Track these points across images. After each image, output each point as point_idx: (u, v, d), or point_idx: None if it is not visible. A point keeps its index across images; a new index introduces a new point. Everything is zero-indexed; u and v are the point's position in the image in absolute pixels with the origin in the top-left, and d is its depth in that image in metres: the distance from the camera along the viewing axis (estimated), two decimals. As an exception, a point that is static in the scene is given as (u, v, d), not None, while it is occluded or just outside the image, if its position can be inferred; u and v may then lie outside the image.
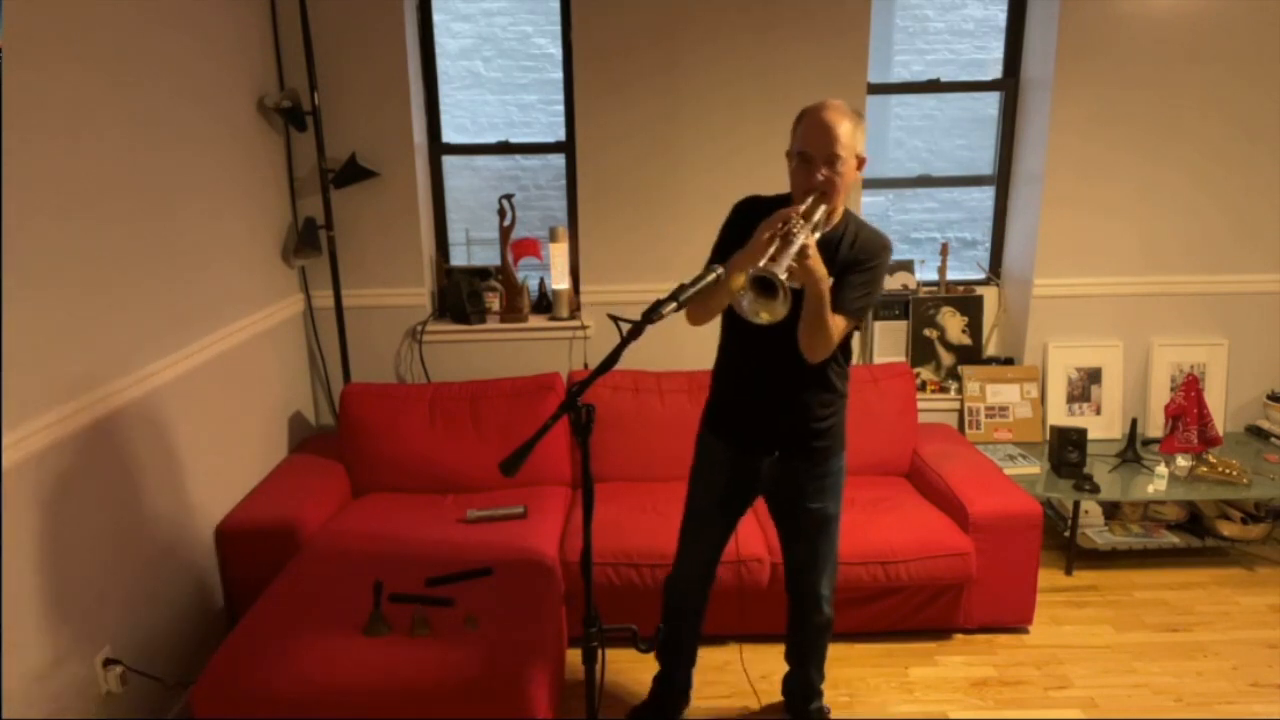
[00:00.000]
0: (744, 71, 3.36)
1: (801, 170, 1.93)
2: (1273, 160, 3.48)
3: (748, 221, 1.94)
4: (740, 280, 1.70)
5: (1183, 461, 3.27)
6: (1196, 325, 3.64)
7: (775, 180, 3.45)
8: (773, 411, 2.09)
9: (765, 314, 1.71)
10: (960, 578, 2.77)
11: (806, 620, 2.31)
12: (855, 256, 1.97)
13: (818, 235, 1.92)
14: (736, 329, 2.10)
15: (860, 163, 1.97)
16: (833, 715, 2.51)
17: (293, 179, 3.35)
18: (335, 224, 3.36)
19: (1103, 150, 3.45)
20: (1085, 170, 3.46)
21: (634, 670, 2.69)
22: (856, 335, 3.64)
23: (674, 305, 1.65)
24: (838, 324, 1.92)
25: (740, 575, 2.67)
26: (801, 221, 1.81)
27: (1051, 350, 3.62)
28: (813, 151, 1.90)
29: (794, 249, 1.75)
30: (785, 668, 2.48)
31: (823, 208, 1.90)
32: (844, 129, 1.89)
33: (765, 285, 1.70)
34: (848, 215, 2.05)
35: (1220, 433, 3.37)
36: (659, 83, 3.36)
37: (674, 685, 2.46)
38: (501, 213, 3.47)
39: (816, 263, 1.81)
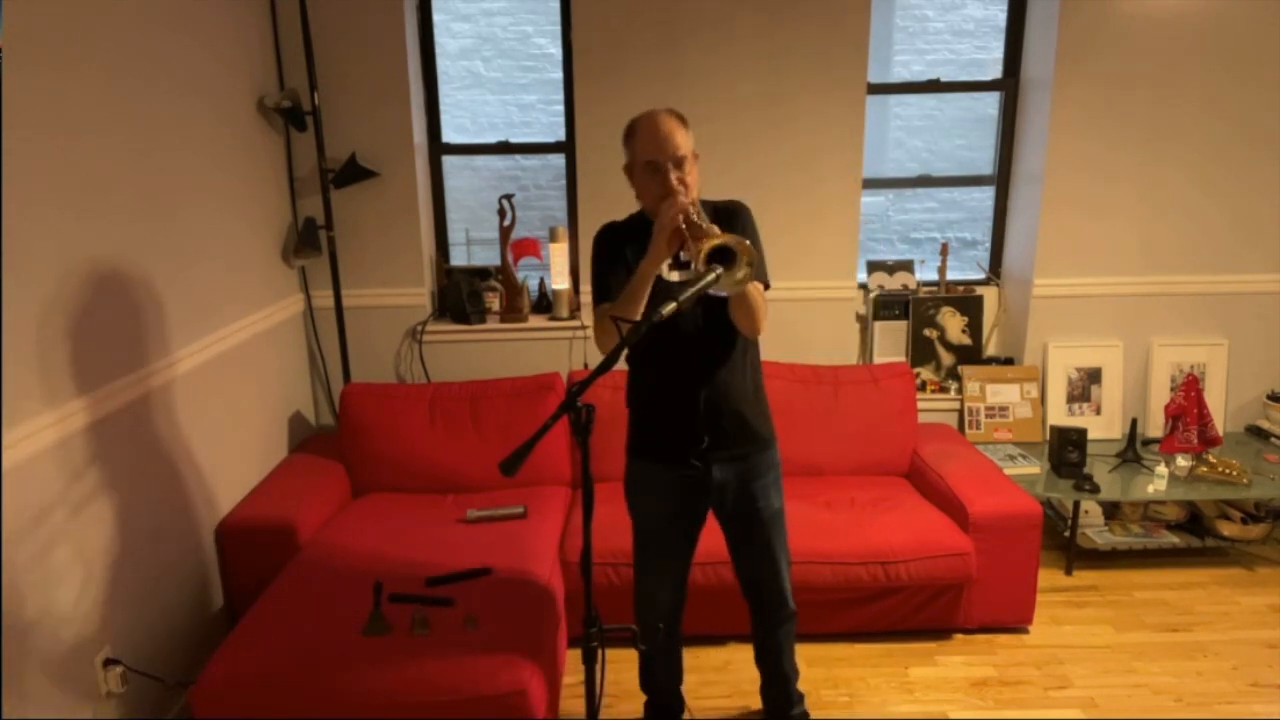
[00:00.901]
0: (744, 72, 3.36)
1: (653, 179, 1.96)
2: (1273, 160, 3.48)
3: (618, 240, 2.03)
4: (707, 246, 1.72)
5: (1183, 461, 3.27)
6: (1196, 325, 3.64)
7: (776, 181, 3.47)
8: (708, 414, 2.07)
9: (740, 274, 1.72)
10: (960, 578, 2.77)
11: (774, 617, 2.28)
12: (728, 226, 1.98)
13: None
14: (645, 349, 2.09)
15: (696, 159, 2.02)
16: (833, 715, 2.51)
17: (293, 179, 3.35)
18: (335, 224, 3.36)
19: (1103, 150, 3.45)
20: (1085, 170, 3.46)
21: (634, 670, 2.69)
22: (851, 333, 3.65)
23: (674, 305, 1.65)
24: (759, 292, 1.95)
25: (728, 575, 2.66)
26: (695, 209, 1.85)
27: (1051, 350, 3.62)
28: (659, 158, 1.95)
29: (708, 224, 1.79)
30: None
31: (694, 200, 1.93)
32: (680, 133, 1.96)
33: (724, 254, 1.72)
34: (702, 201, 2.07)
35: (1220, 433, 3.37)
36: (659, 83, 3.36)
37: (667, 705, 2.43)
38: (501, 213, 3.47)
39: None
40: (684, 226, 1.81)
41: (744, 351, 2.09)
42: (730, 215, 2.04)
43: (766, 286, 2.03)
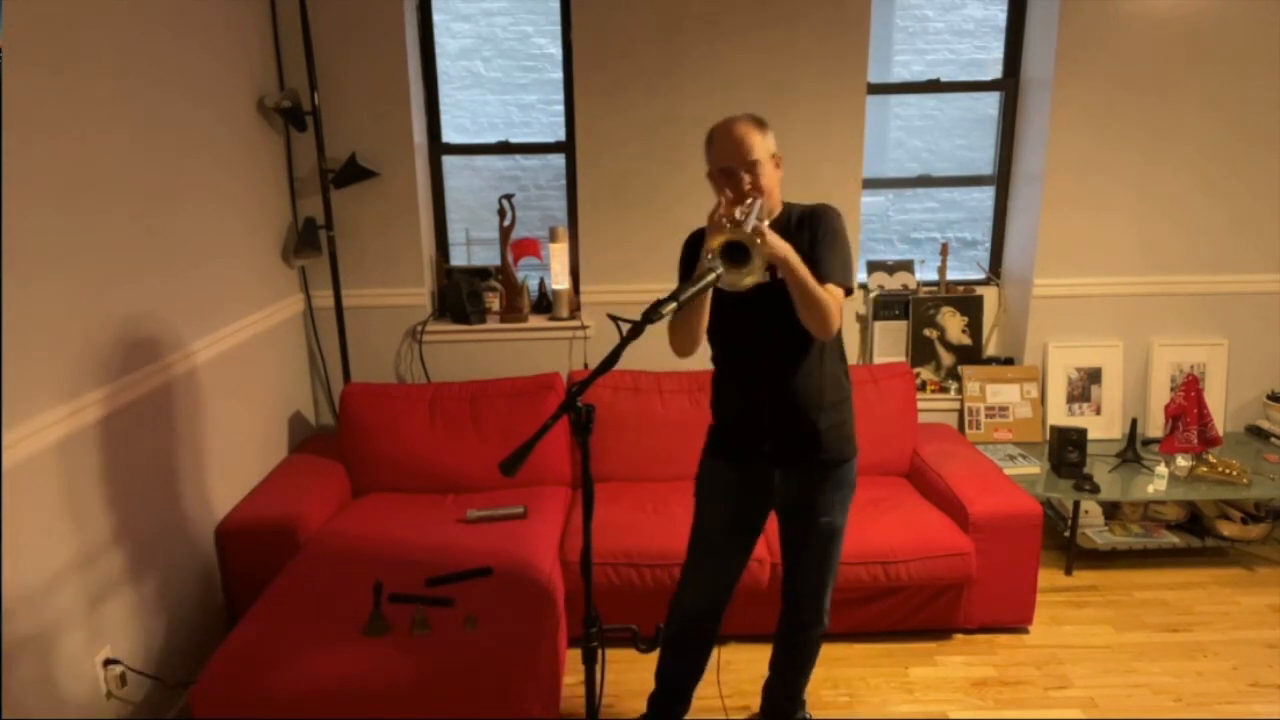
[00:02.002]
0: (744, 72, 3.36)
1: (727, 184, 1.98)
2: (1273, 160, 3.48)
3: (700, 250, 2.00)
4: (716, 241, 1.73)
5: (1183, 461, 3.27)
6: (1196, 325, 3.64)
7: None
8: (777, 417, 2.06)
9: (749, 278, 1.73)
10: (960, 578, 2.77)
11: (805, 630, 2.28)
12: (811, 229, 2.00)
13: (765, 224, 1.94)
14: (729, 345, 2.09)
15: (778, 161, 2.02)
16: (833, 715, 2.51)
17: (293, 179, 3.35)
18: (335, 224, 3.36)
19: (1103, 150, 3.45)
20: (1085, 170, 3.46)
21: (634, 670, 2.69)
22: (851, 333, 3.65)
23: (674, 305, 1.65)
24: (832, 295, 1.92)
25: (747, 572, 2.66)
26: (745, 208, 1.85)
27: (1051, 350, 3.62)
28: (732, 165, 1.96)
29: (748, 226, 1.78)
30: None
31: (760, 202, 1.92)
32: (754, 137, 1.96)
33: (736, 250, 1.73)
34: (786, 204, 2.08)
35: (1220, 433, 3.37)
36: (659, 83, 3.36)
37: (675, 703, 2.41)
38: (501, 213, 3.47)
39: (772, 238, 1.81)
40: (725, 223, 1.80)
41: (820, 358, 2.04)
42: (811, 218, 2.02)
43: (849, 292, 1.98)
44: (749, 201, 1.91)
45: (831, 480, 2.10)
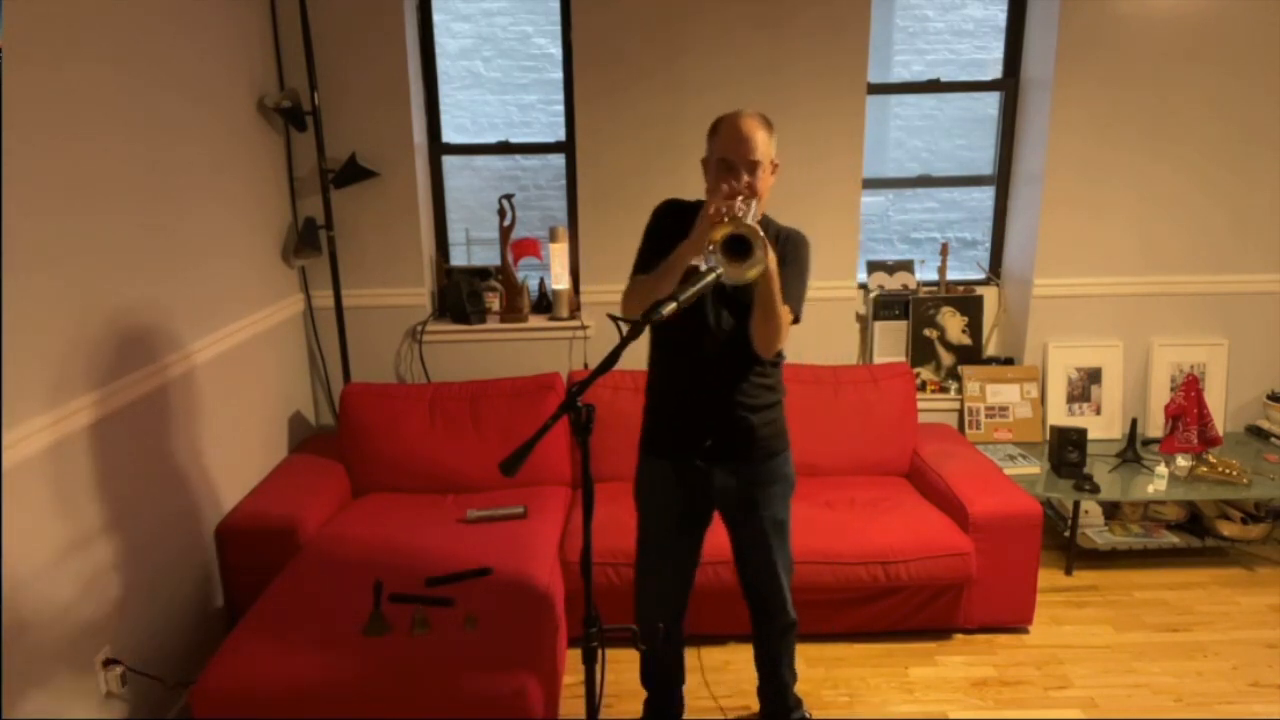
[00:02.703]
0: (744, 72, 3.36)
1: (724, 177, 1.97)
2: (1273, 160, 3.48)
3: (672, 222, 2.01)
4: (718, 236, 1.73)
5: (1183, 461, 3.27)
6: (1196, 325, 3.64)
7: (776, 181, 3.46)
8: (717, 417, 2.08)
9: (751, 272, 1.74)
10: (960, 578, 2.77)
11: (772, 624, 2.29)
12: (783, 249, 2.01)
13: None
14: (669, 344, 2.11)
15: (774, 168, 2.02)
16: (833, 715, 2.51)
17: (293, 179, 3.35)
18: (335, 224, 3.36)
19: (1103, 150, 3.45)
20: (1085, 170, 3.46)
21: (634, 670, 2.68)
22: (851, 333, 3.65)
23: (674, 305, 1.65)
24: (784, 315, 1.95)
25: (731, 576, 2.66)
26: (742, 207, 1.85)
27: (1051, 350, 3.62)
28: (734, 159, 1.96)
29: (745, 223, 1.79)
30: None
31: (753, 205, 1.93)
32: (760, 137, 1.96)
33: (740, 244, 1.74)
34: (765, 217, 2.09)
35: (1220, 433, 3.37)
36: (659, 83, 3.36)
37: (667, 704, 2.43)
38: (501, 213, 3.47)
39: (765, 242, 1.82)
40: (724, 218, 1.81)
41: (760, 363, 2.07)
42: (785, 240, 2.04)
43: (796, 319, 2.01)
44: (742, 200, 1.91)
45: (768, 474, 2.13)
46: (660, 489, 2.18)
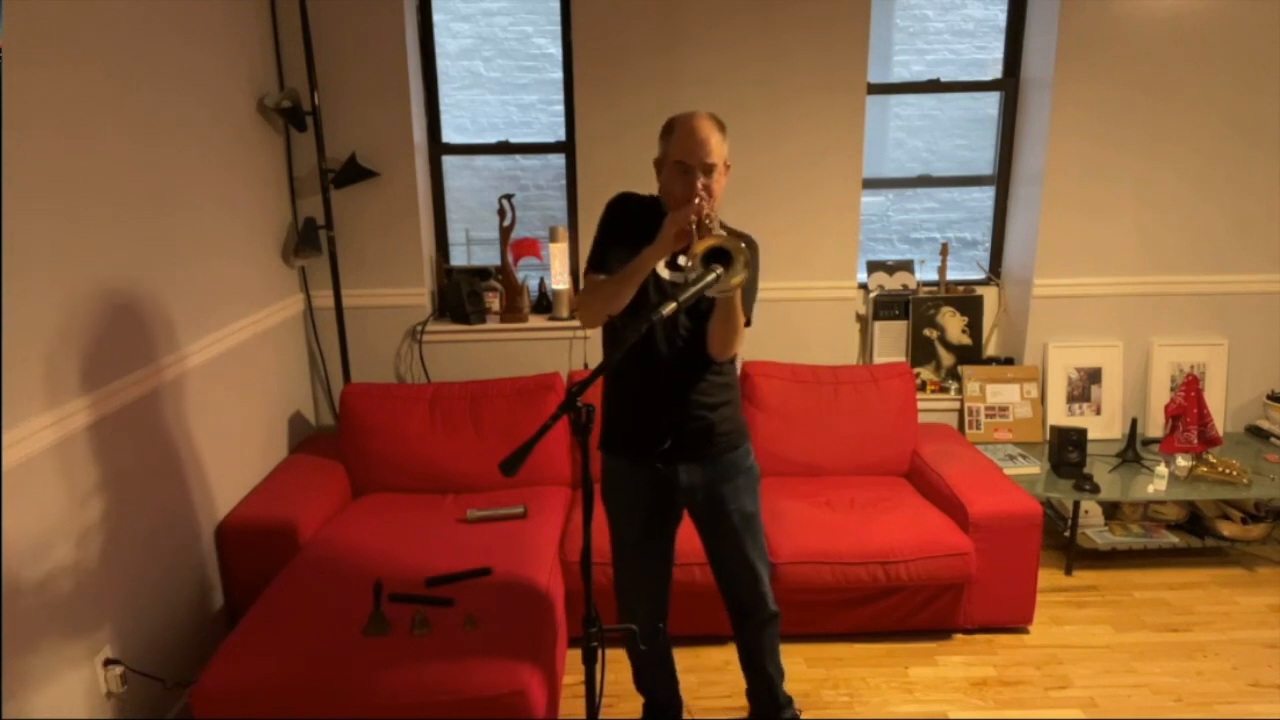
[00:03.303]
0: (745, 72, 3.36)
1: (680, 179, 1.97)
2: (1272, 160, 3.48)
3: (629, 217, 2.03)
4: (703, 246, 1.74)
5: (1183, 461, 3.27)
6: (1196, 325, 3.64)
7: (777, 181, 3.47)
8: (675, 418, 2.07)
9: (734, 280, 1.75)
10: (960, 578, 2.77)
11: (751, 619, 2.27)
12: None
13: None
14: (635, 345, 2.10)
15: (727, 169, 2.02)
16: (833, 715, 2.51)
17: (293, 179, 3.35)
18: (335, 224, 3.36)
19: (1103, 150, 3.45)
20: (1085, 170, 3.46)
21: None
22: (851, 333, 3.65)
23: (673, 306, 1.65)
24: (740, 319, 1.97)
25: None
26: (710, 214, 1.86)
27: (1051, 350, 3.62)
28: (690, 161, 1.95)
29: (717, 232, 1.79)
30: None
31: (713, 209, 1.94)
32: (716, 139, 1.96)
33: (721, 256, 1.75)
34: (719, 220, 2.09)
35: (1220, 433, 3.37)
36: (659, 83, 3.36)
37: (665, 706, 2.42)
38: (501, 213, 3.47)
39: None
40: (693, 228, 1.81)
41: (716, 364, 2.08)
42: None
43: (748, 323, 2.02)
44: (698, 203, 1.91)
45: (731, 467, 2.13)
46: (626, 489, 2.17)
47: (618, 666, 2.69)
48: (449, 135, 3.64)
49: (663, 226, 1.87)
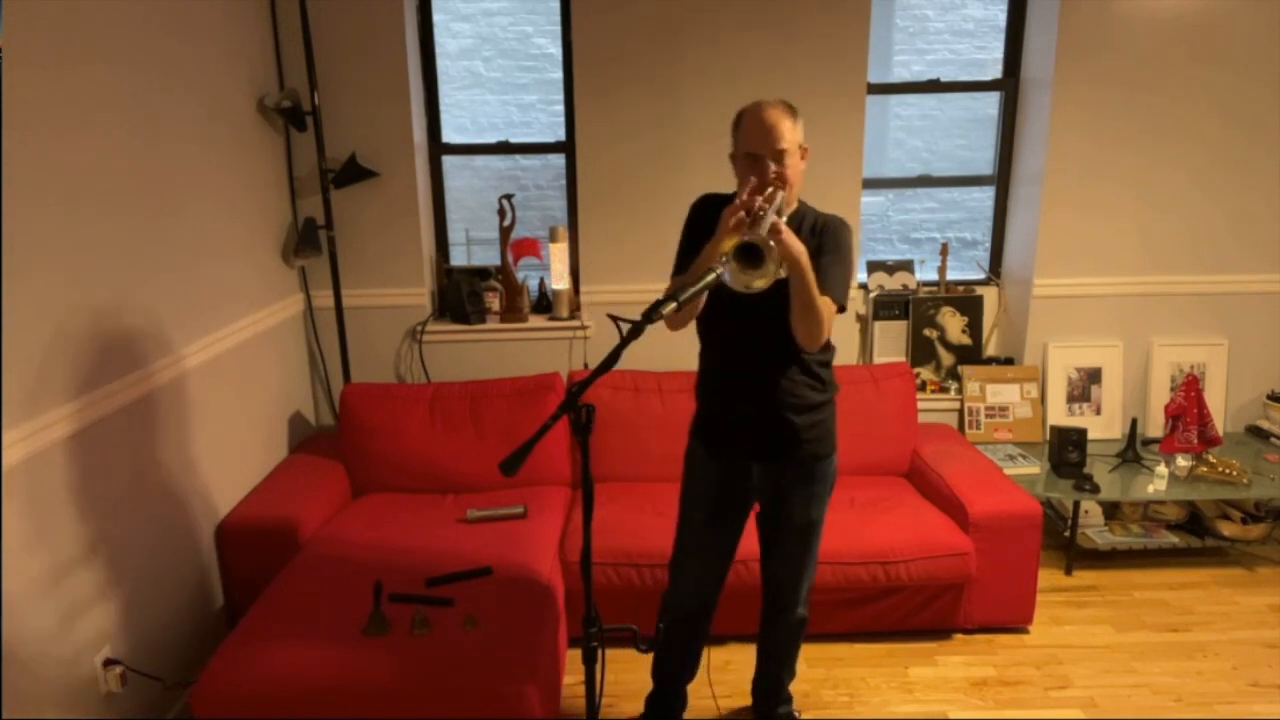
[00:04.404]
0: (744, 72, 3.36)
1: (752, 170, 1.95)
2: (1273, 160, 3.48)
3: (710, 217, 1.98)
4: (728, 245, 1.71)
5: (1183, 461, 3.27)
6: (1196, 325, 3.64)
7: (775, 180, 3.47)
8: (759, 417, 2.05)
9: (759, 281, 1.71)
10: (960, 578, 2.77)
11: (783, 620, 2.28)
12: (820, 239, 1.99)
13: (783, 219, 1.93)
14: (715, 335, 2.09)
15: (804, 153, 2.00)
16: (833, 715, 2.51)
17: (293, 179, 3.35)
18: (335, 224, 3.36)
19: (1103, 150, 3.45)
20: (1085, 170, 3.46)
21: (634, 670, 2.69)
22: (851, 333, 3.65)
23: (674, 305, 1.65)
24: (826, 306, 1.90)
25: (739, 574, 2.66)
26: (765, 204, 1.82)
27: (1051, 350, 3.62)
28: (760, 151, 1.93)
29: (766, 224, 1.76)
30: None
31: (781, 195, 1.91)
32: (786, 125, 1.93)
33: (750, 252, 1.71)
34: (802, 204, 2.08)
35: (1220, 433, 3.37)
36: (659, 83, 3.36)
37: (672, 701, 2.42)
38: (501, 213, 3.47)
39: (790, 236, 1.80)
40: (745, 219, 1.78)
41: (805, 361, 2.03)
42: (824, 228, 2.02)
43: (841, 309, 1.97)
44: (770, 191, 1.88)
45: (810, 476, 2.10)
46: (700, 474, 2.17)
47: (618, 666, 2.69)
48: (449, 135, 3.64)
49: (720, 220, 1.84)
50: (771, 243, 1.70)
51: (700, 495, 2.18)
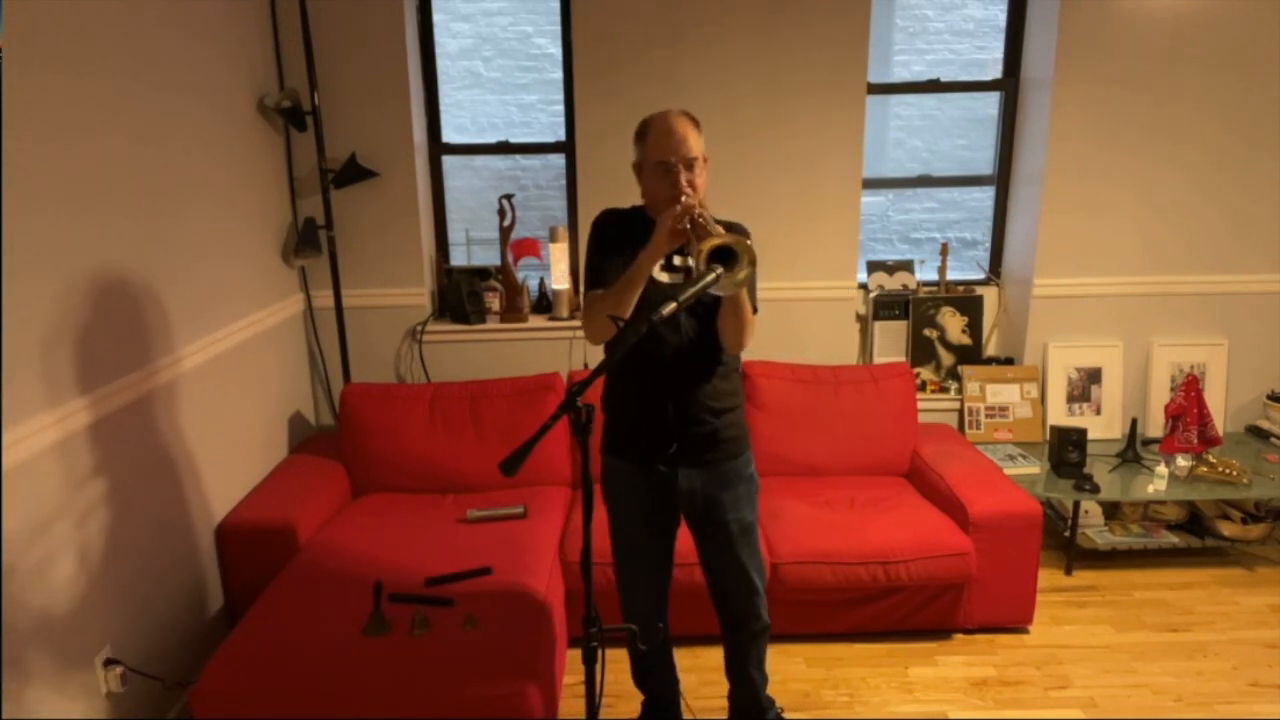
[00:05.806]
0: (744, 71, 3.36)
1: (663, 179, 1.96)
2: (1272, 160, 3.48)
3: (616, 229, 2.03)
4: (709, 245, 1.73)
5: (1183, 461, 3.27)
6: (1196, 325, 3.64)
7: (776, 181, 3.47)
8: (680, 422, 2.05)
9: (740, 275, 1.74)
10: (960, 577, 2.77)
11: (742, 630, 2.26)
12: None
13: None
14: (641, 347, 2.04)
15: (705, 162, 2.01)
16: (833, 715, 2.50)
17: (293, 179, 3.35)
18: (335, 224, 3.36)
19: (1103, 150, 3.45)
20: (1085, 170, 3.46)
21: (634, 670, 2.69)
22: (851, 333, 3.65)
23: (673, 305, 1.65)
24: (748, 310, 1.96)
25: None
26: (702, 210, 1.85)
27: (1051, 350, 3.62)
28: (671, 159, 1.94)
29: (714, 227, 1.78)
30: (782, 664, 2.44)
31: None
32: (693, 135, 1.96)
33: (727, 255, 1.73)
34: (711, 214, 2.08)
35: (1220, 433, 3.37)
36: (659, 82, 3.36)
37: (665, 704, 2.42)
38: (501, 213, 3.47)
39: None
40: (689, 227, 1.81)
41: (723, 366, 2.07)
42: (733, 233, 2.02)
43: (756, 310, 2.01)
44: (700, 198, 1.91)
45: (732, 475, 2.12)
46: (626, 490, 2.16)
47: (618, 666, 2.69)
48: (449, 135, 3.64)
49: (656, 227, 1.86)
50: (748, 242, 1.73)
51: (630, 509, 2.16)
